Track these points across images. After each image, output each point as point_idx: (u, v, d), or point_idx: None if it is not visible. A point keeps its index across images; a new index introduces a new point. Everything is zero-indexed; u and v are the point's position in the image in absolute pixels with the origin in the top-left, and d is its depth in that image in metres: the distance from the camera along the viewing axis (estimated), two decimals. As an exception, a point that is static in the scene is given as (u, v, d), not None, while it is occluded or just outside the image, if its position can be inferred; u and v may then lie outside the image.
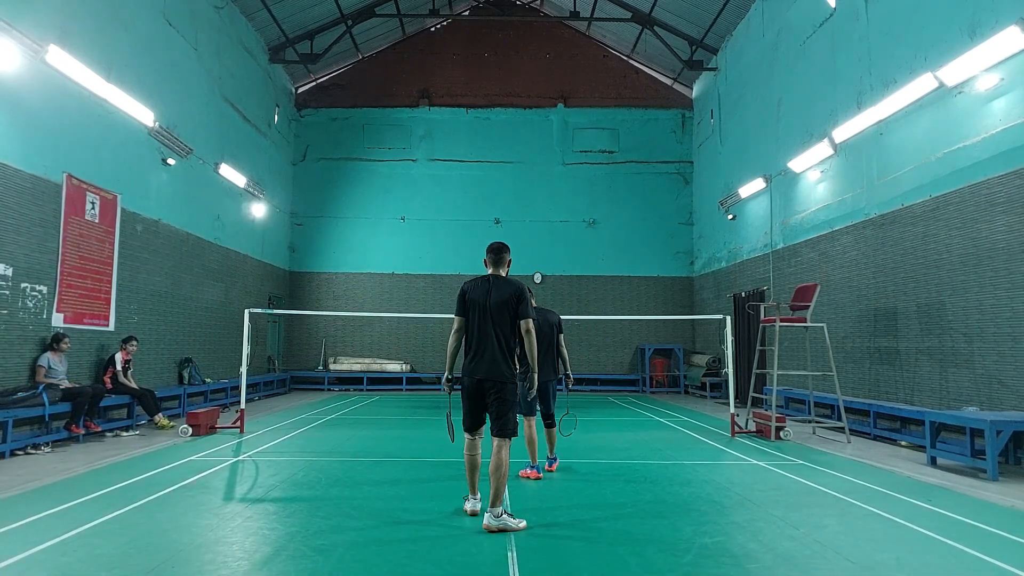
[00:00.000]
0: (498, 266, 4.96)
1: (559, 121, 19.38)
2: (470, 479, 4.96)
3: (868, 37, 10.16)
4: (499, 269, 4.96)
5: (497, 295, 4.72)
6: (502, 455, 4.59)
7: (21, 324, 8.11)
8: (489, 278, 4.86)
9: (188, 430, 8.86)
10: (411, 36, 19.62)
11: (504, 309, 4.69)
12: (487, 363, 4.63)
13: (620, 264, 18.99)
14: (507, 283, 4.81)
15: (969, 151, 8.02)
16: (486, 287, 4.78)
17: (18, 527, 4.47)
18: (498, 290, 4.75)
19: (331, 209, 18.95)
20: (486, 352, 4.65)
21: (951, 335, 8.30)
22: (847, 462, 7.36)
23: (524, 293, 4.79)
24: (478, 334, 4.70)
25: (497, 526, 4.45)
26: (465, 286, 4.85)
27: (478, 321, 4.71)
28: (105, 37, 9.78)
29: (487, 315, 4.69)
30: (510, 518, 4.55)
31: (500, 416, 4.65)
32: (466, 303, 4.78)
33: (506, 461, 4.61)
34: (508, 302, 4.71)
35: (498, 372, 4.62)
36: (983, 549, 4.16)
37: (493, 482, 4.53)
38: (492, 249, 5.00)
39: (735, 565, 3.87)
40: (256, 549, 4.13)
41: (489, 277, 4.88)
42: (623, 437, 9.34)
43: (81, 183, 9.20)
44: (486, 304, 4.70)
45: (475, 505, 4.96)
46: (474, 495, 5.01)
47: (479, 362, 4.66)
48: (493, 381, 4.62)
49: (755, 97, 14.52)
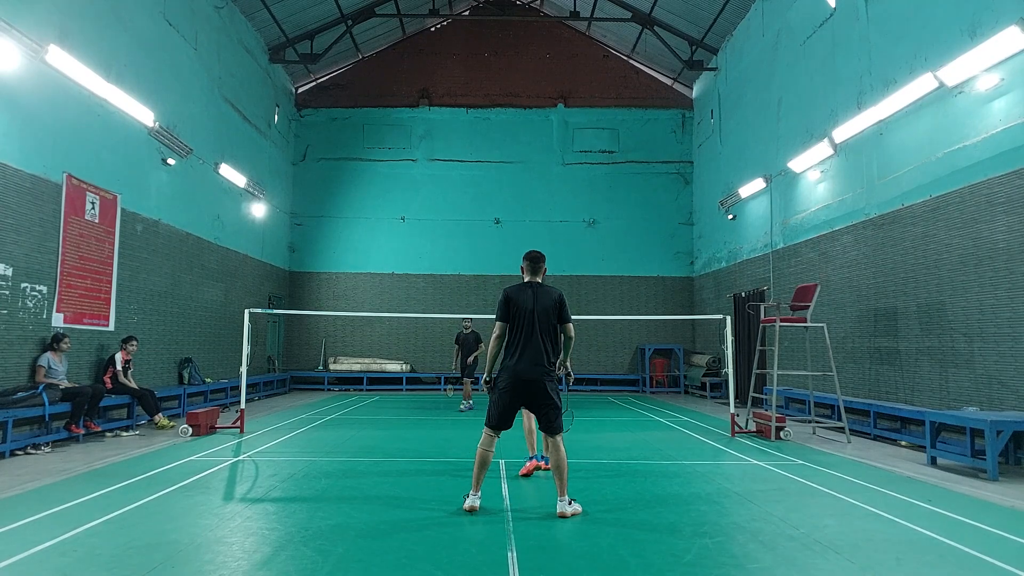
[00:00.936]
0: (535, 274, 5.29)
1: (559, 121, 19.38)
2: (478, 475, 5.07)
3: (868, 37, 10.16)
4: (536, 276, 5.29)
5: (542, 302, 5.07)
6: (561, 452, 4.96)
7: (21, 324, 8.11)
8: (532, 285, 5.18)
9: (188, 430, 8.86)
10: (411, 36, 19.62)
11: (549, 315, 5.06)
12: (536, 364, 4.96)
13: (620, 264, 18.99)
14: (549, 290, 5.17)
15: (969, 151, 8.02)
16: (531, 294, 5.10)
17: (18, 527, 4.47)
18: (542, 297, 5.10)
19: (331, 209, 18.95)
20: (535, 354, 4.96)
21: (951, 335, 8.30)
22: (847, 462, 7.36)
23: (564, 299, 5.20)
24: (524, 338, 5.00)
25: (571, 511, 4.89)
26: (509, 292, 5.11)
27: (525, 326, 5.01)
28: (105, 37, 9.78)
29: (534, 321, 5.01)
30: (576, 504, 5.00)
31: (553, 415, 5.00)
32: (510, 309, 5.05)
33: (565, 456, 4.98)
34: (552, 308, 5.09)
35: (546, 373, 4.99)
36: (983, 549, 4.16)
37: (559, 476, 4.94)
38: (531, 258, 5.31)
39: (735, 565, 3.87)
40: (256, 549, 4.13)
41: (532, 284, 5.20)
42: (623, 437, 9.34)
43: (81, 183, 9.20)
44: (533, 310, 5.02)
45: (475, 502, 5.03)
46: (476, 492, 5.08)
47: (527, 364, 4.96)
48: (542, 382, 4.96)
49: (755, 97, 14.51)
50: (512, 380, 4.97)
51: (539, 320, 5.00)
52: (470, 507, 4.99)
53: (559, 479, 4.95)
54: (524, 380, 4.95)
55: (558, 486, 4.96)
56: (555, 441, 5.00)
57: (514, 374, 4.97)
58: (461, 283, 18.79)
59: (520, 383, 4.96)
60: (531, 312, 5.01)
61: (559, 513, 4.86)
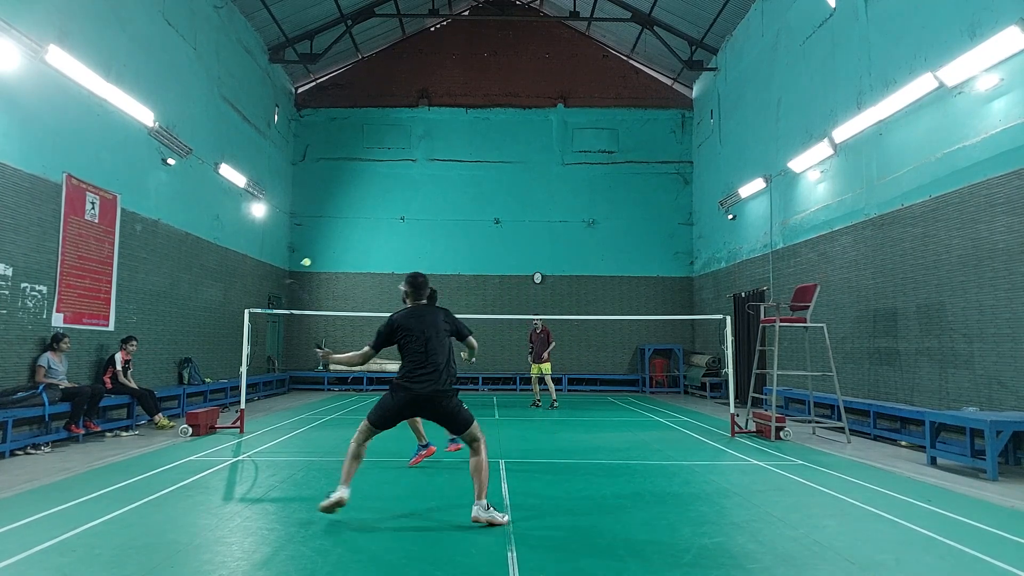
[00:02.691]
0: (419, 298, 5.13)
1: (559, 121, 19.38)
2: (349, 469, 4.86)
3: (868, 37, 10.16)
4: (421, 300, 5.14)
5: (431, 321, 4.94)
6: (480, 454, 4.80)
7: (21, 324, 8.10)
8: (420, 308, 5.05)
9: (188, 430, 8.86)
10: (411, 36, 19.62)
11: (441, 332, 4.94)
12: (431, 383, 4.77)
13: (620, 264, 18.99)
14: (435, 310, 5.08)
15: (969, 151, 8.02)
16: (419, 315, 4.97)
17: (17, 527, 4.46)
18: (429, 317, 4.97)
19: (331, 209, 18.94)
20: (431, 373, 4.77)
21: (951, 335, 8.30)
22: (847, 462, 7.36)
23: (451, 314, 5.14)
24: (420, 358, 4.80)
25: (487, 518, 4.61)
26: (395, 318, 4.97)
27: (418, 347, 4.83)
28: (104, 37, 9.77)
29: (426, 340, 4.84)
30: (495, 511, 4.71)
31: (453, 423, 4.86)
32: (395, 335, 4.92)
33: (485, 458, 4.81)
34: (443, 325, 4.99)
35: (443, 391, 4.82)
36: (983, 549, 4.16)
37: (477, 479, 4.75)
38: (413, 284, 5.11)
39: (735, 565, 3.87)
40: (255, 549, 4.13)
41: (420, 307, 5.06)
42: (623, 437, 9.34)
43: (81, 183, 9.19)
44: (424, 331, 4.87)
45: (344, 494, 4.73)
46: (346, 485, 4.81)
47: (424, 383, 4.76)
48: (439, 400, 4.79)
49: (755, 97, 14.52)
50: (409, 397, 4.74)
51: (431, 339, 4.82)
52: (337, 500, 4.66)
53: (477, 482, 4.71)
54: (422, 397, 4.71)
55: (475, 488, 4.71)
56: (473, 444, 4.82)
57: (410, 391, 4.73)
58: (461, 283, 18.78)
59: (418, 400, 4.73)
60: (423, 333, 4.83)
61: (473, 518, 4.61)
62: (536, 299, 18.64)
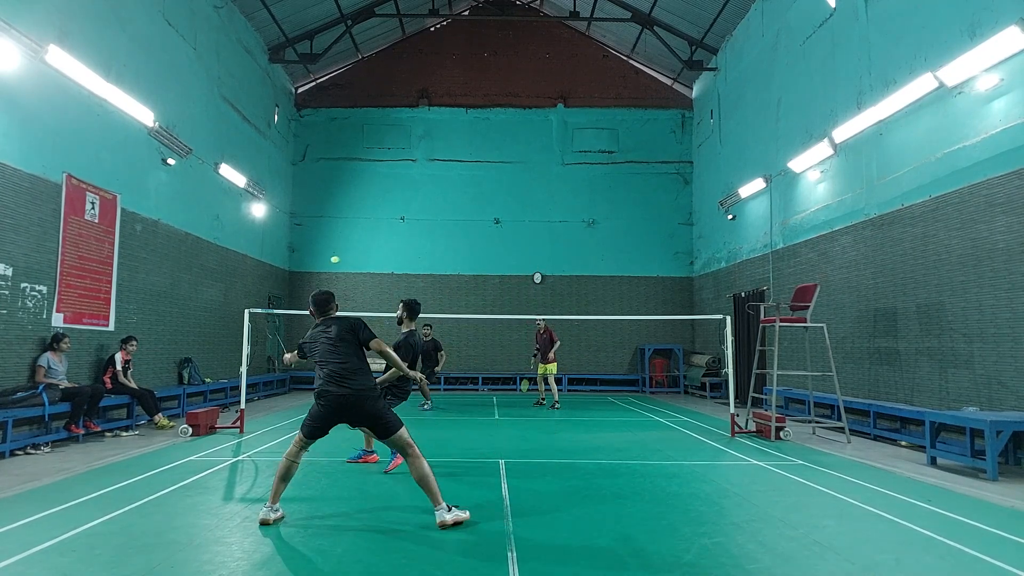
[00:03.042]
0: (326, 314, 5.21)
1: (559, 121, 19.38)
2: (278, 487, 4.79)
3: (868, 37, 10.16)
4: (329, 314, 5.22)
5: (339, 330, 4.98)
6: (417, 463, 4.71)
7: (21, 324, 8.10)
8: (325, 321, 5.11)
9: (188, 430, 8.86)
10: (411, 36, 19.62)
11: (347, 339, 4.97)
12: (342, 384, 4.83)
13: (620, 264, 18.99)
14: (340, 320, 5.10)
15: (969, 151, 8.02)
16: (323, 326, 5.06)
17: (17, 527, 4.46)
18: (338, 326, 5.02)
19: (331, 209, 18.94)
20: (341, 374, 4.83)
21: (951, 335, 8.30)
22: (847, 462, 7.36)
23: (360, 322, 5.10)
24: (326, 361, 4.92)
25: (452, 519, 4.60)
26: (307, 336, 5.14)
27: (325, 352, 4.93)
28: (104, 37, 9.77)
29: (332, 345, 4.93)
30: (457, 510, 4.71)
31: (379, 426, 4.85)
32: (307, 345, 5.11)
33: (424, 465, 4.73)
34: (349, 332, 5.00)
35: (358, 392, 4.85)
36: (983, 549, 4.16)
37: (425, 488, 4.70)
38: (316, 302, 5.24)
39: (735, 565, 3.87)
40: (255, 549, 4.13)
41: (326, 320, 5.12)
42: (623, 437, 9.34)
43: (81, 183, 9.19)
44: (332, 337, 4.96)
45: (270, 514, 4.66)
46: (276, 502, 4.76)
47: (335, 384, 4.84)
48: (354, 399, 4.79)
49: (755, 97, 14.52)
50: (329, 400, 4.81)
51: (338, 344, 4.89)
52: (263, 521, 4.59)
53: (427, 489, 4.66)
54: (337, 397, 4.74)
55: (429, 497, 4.67)
56: (405, 451, 4.76)
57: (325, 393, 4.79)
58: (461, 283, 18.78)
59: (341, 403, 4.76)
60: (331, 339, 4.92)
61: (439, 524, 4.55)
62: (536, 299, 18.64)
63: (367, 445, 7.05)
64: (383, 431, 4.74)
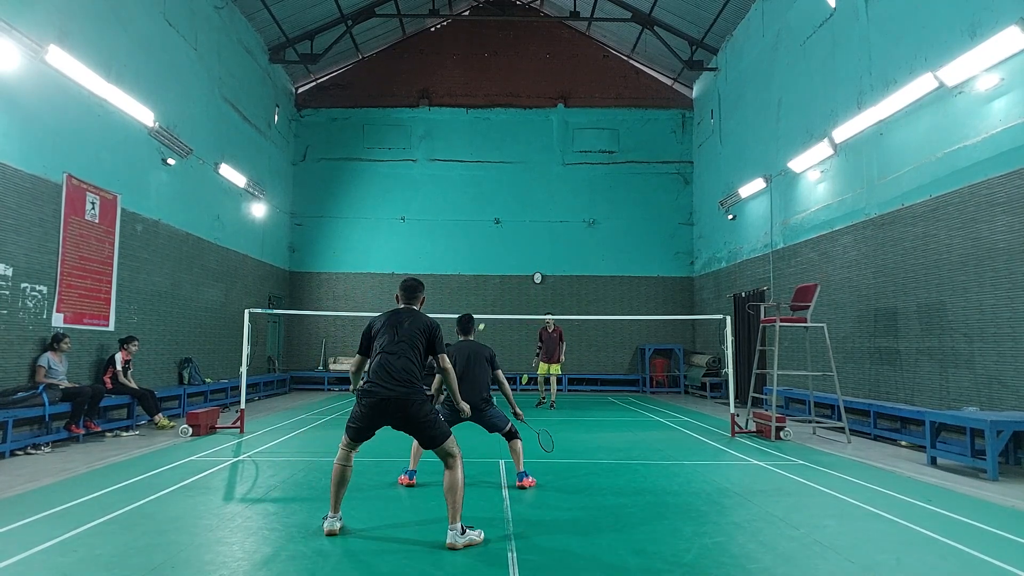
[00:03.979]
0: (412, 302, 4.82)
1: (559, 121, 19.38)
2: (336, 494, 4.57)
3: (868, 37, 10.15)
4: (413, 304, 4.82)
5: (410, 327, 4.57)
6: (453, 472, 4.37)
7: (21, 324, 8.11)
8: (405, 311, 4.71)
9: (188, 430, 8.86)
10: (411, 36, 19.62)
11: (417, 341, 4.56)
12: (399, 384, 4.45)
13: (620, 264, 18.99)
14: (419, 316, 4.67)
15: (969, 151, 8.02)
16: (397, 316, 4.65)
17: (18, 527, 4.47)
18: (412, 322, 4.60)
19: (331, 209, 18.95)
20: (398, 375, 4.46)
21: (951, 335, 8.30)
22: (847, 462, 7.36)
23: (436, 330, 4.67)
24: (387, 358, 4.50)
25: (464, 542, 4.17)
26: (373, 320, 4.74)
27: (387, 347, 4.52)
28: (105, 37, 9.77)
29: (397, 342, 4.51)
30: (472, 532, 4.29)
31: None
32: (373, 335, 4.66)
33: (460, 477, 4.37)
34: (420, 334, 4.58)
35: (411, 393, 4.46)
36: (983, 549, 4.16)
37: (449, 499, 4.31)
38: (405, 287, 4.86)
39: (735, 565, 3.87)
40: (256, 549, 4.13)
41: (405, 311, 4.72)
42: (623, 437, 9.34)
43: (81, 183, 9.20)
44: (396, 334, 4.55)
45: (334, 524, 4.45)
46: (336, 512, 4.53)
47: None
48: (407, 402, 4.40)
49: (755, 97, 14.51)
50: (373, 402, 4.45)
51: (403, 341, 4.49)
52: (328, 532, 4.39)
53: (451, 502, 4.27)
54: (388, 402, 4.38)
55: (449, 511, 4.26)
56: (447, 459, 4.42)
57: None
58: (461, 283, 18.79)
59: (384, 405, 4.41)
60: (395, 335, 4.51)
61: (448, 544, 4.13)
62: (536, 299, 18.64)
63: (519, 467, 6.24)
64: (429, 441, 4.42)
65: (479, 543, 4.23)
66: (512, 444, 6.24)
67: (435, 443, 4.41)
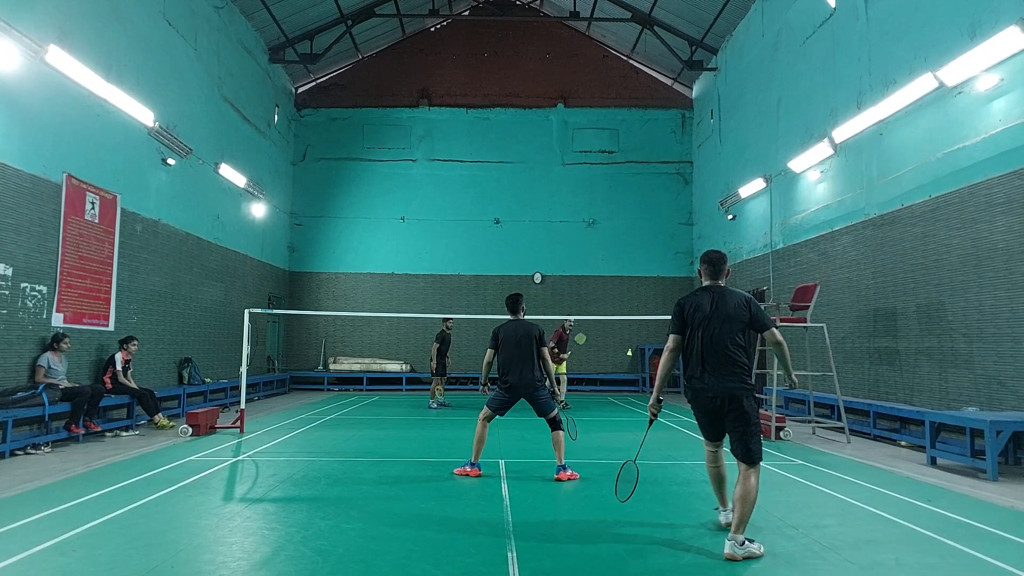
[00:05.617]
0: (718, 277, 4.44)
1: (559, 121, 19.38)
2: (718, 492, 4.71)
3: (868, 37, 10.15)
4: (719, 280, 4.44)
5: (724, 308, 4.27)
6: (750, 482, 4.09)
7: (21, 324, 8.10)
8: (711, 290, 4.38)
9: (188, 430, 8.86)
10: (411, 36, 19.62)
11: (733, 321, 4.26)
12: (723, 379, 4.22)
13: (620, 264, 18.99)
14: (733, 294, 4.34)
15: (969, 151, 8.02)
16: (710, 299, 4.32)
17: (18, 527, 4.46)
18: (724, 303, 4.29)
19: (331, 209, 18.95)
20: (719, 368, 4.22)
21: (951, 335, 8.30)
22: (847, 462, 7.36)
23: (753, 300, 4.38)
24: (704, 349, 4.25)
25: (742, 554, 3.96)
26: (682, 301, 4.45)
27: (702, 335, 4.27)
28: (105, 37, 9.77)
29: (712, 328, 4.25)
30: (751, 544, 4.03)
31: (746, 437, 4.18)
32: (685, 318, 4.36)
33: (754, 489, 4.09)
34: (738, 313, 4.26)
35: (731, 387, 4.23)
36: (983, 549, 4.16)
37: (738, 509, 4.05)
38: (709, 260, 4.47)
39: (735, 565, 3.87)
40: (256, 549, 4.13)
41: (711, 288, 4.40)
42: (623, 437, 9.34)
43: (81, 183, 9.19)
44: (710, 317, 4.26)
45: (728, 517, 4.43)
46: (725, 506, 4.63)
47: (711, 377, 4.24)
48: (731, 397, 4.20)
49: (755, 97, 14.51)
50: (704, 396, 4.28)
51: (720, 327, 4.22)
52: (726, 522, 4.40)
53: (738, 512, 4.04)
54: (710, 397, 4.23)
55: (736, 520, 4.05)
56: (748, 469, 4.15)
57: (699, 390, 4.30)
58: (461, 283, 18.79)
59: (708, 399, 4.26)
60: (708, 319, 4.25)
61: (726, 555, 3.95)
62: (536, 299, 18.64)
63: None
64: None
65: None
66: (554, 435, 6.46)
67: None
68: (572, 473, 6.33)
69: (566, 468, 6.32)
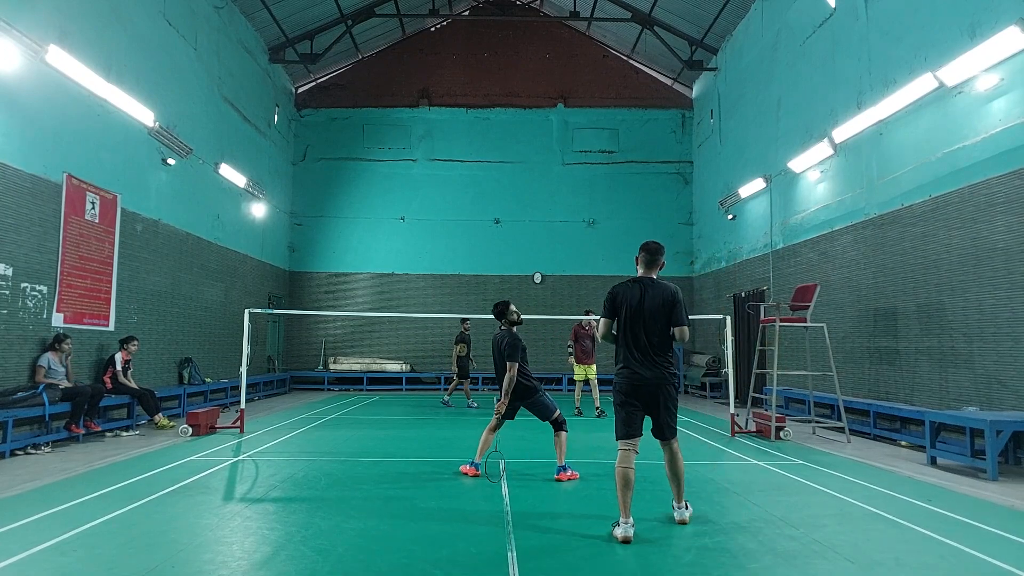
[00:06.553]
0: (651, 268, 4.84)
1: (559, 121, 19.38)
2: (623, 499, 4.41)
3: (868, 37, 10.16)
4: (652, 271, 4.84)
5: (652, 302, 4.63)
6: (677, 451, 4.77)
7: (21, 324, 8.11)
8: (642, 282, 4.76)
9: (188, 430, 8.86)
10: (411, 36, 19.62)
11: (658, 315, 4.62)
12: (657, 368, 4.60)
13: (620, 264, 18.94)
14: (662, 287, 4.69)
15: (969, 151, 8.02)
16: (639, 291, 4.69)
17: (18, 527, 4.47)
18: (652, 297, 4.64)
19: (331, 209, 18.95)
20: (654, 358, 4.60)
21: (951, 335, 8.30)
22: (847, 462, 7.36)
23: (679, 295, 4.70)
24: (633, 338, 4.66)
25: (689, 515, 4.73)
26: (615, 290, 4.86)
27: (632, 325, 4.66)
28: (105, 37, 9.77)
29: (642, 320, 4.62)
30: (690, 506, 4.82)
31: (671, 417, 4.71)
32: (616, 305, 4.76)
33: (680, 453, 4.78)
34: (663, 307, 4.61)
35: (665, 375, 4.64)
36: (983, 549, 4.16)
37: (679, 481, 4.76)
38: (647, 249, 4.87)
39: (735, 565, 3.87)
40: (256, 549, 4.13)
41: (642, 281, 4.77)
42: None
43: (81, 183, 9.20)
44: (640, 308, 4.63)
45: (628, 531, 4.30)
46: (628, 515, 4.38)
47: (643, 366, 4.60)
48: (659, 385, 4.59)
49: (755, 97, 14.51)
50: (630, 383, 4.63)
51: (650, 318, 4.60)
52: (622, 537, 4.26)
53: (680, 484, 4.77)
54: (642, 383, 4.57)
55: (676, 492, 4.79)
56: (673, 443, 4.75)
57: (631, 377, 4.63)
58: (461, 283, 18.79)
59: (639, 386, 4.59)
60: (639, 311, 4.62)
61: (679, 520, 4.71)
62: (536, 299, 18.65)
63: (560, 461, 6.49)
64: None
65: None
66: (557, 436, 6.55)
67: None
68: (572, 473, 6.37)
69: (566, 468, 6.35)
